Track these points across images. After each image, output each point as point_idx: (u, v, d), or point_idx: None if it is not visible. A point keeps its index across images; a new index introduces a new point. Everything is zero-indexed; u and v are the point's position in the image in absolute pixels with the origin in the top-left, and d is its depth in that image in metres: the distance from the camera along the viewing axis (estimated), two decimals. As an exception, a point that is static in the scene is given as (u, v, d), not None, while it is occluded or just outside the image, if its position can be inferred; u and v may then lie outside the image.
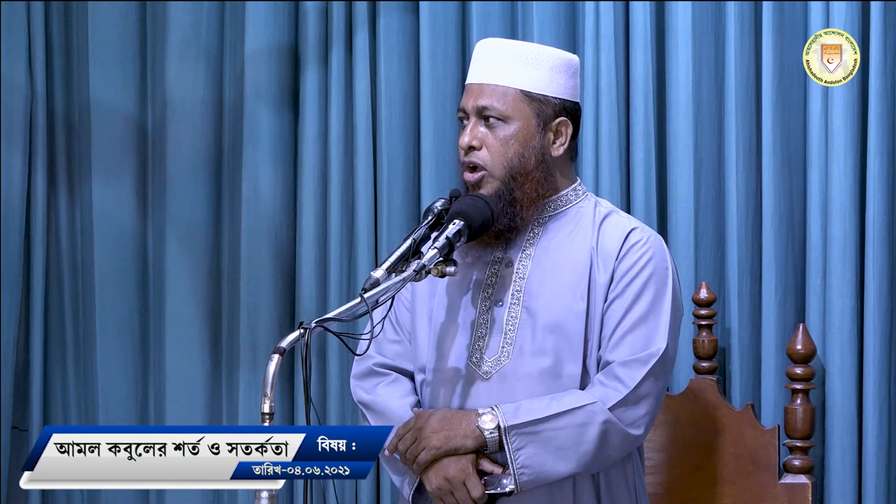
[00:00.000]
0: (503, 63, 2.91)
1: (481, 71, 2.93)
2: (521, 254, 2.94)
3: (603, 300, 2.90)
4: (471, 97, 2.92)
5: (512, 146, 2.90)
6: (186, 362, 3.95)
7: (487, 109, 2.90)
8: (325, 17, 3.84)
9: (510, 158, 2.89)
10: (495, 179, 2.89)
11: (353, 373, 3.03)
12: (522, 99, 2.91)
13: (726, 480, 3.39)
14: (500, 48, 2.94)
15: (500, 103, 2.90)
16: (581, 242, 2.93)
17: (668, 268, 2.93)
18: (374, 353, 2.97)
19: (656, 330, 2.88)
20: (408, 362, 3.01)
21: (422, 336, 2.98)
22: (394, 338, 3.01)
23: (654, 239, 2.95)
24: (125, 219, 4.00)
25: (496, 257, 2.95)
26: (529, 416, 2.81)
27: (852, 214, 3.42)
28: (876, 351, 3.39)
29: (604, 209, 2.98)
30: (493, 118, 2.90)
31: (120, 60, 3.98)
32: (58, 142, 4.00)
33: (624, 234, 2.93)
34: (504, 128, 2.90)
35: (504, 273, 2.94)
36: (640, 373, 2.84)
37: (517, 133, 2.90)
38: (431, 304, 2.97)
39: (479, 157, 2.90)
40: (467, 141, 2.90)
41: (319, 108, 3.85)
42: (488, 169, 2.89)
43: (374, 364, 3.00)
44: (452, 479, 2.83)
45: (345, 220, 3.82)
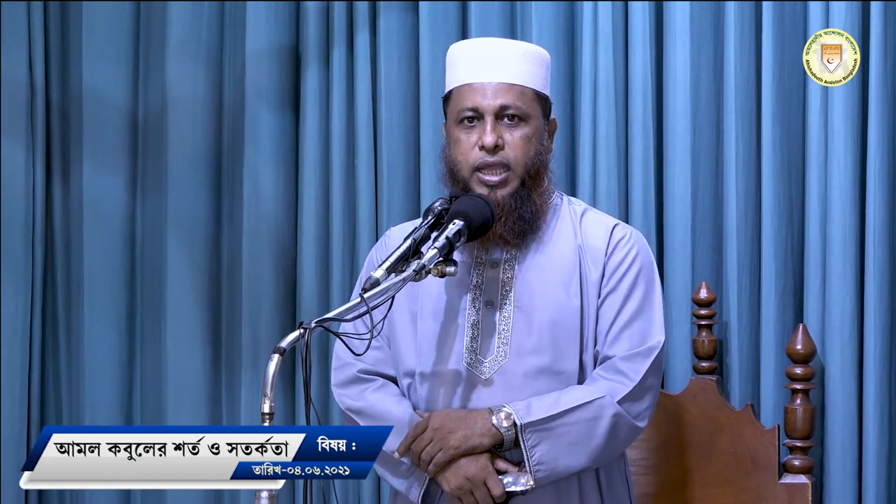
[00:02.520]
0: (514, 62, 2.91)
1: (489, 69, 2.91)
2: (506, 254, 2.94)
3: (596, 296, 2.92)
4: (484, 96, 2.89)
5: (532, 145, 2.90)
6: (187, 362, 3.95)
7: (509, 108, 2.89)
8: (326, 16, 3.85)
9: (531, 157, 2.90)
10: (516, 178, 2.89)
11: (335, 381, 3.01)
12: (535, 98, 2.92)
13: (726, 480, 3.39)
14: (504, 47, 2.94)
15: (521, 102, 2.89)
16: (566, 240, 2.94)
17: (653, 262, 2.98)
18: (354, 360, 2.96)
19: (651, 323, 2.91)
20: (389, 367, 3.00)
21: (405, 340, 2.96)
22: (374, 344, 2.95)
23: (637, 234, 2.99)
24: (117, 212, 4.00)
25: (480, 259, 2.94)
26: (543, 413, 2.82)
27: (852, 214, 3.42)
28: (876, 351, 3.39)
29: (578, 207, 3.01)
30: (516, 117, 2.89)
31: (114, 56, 4.00)
32: (54, 133, 4.01)
33: (608, 231, 2.95)
34: (524, 127, 2.90)
35: (490, 274, 2.93)
36: (644, 366, 2.87)
37: (535, 132, 2.91)
38: (414, 307, 2.96)
39: (505, 156, 2.89)
40: (492, 141, 2.87)
41: (320, 108, 3.85)
42: (513, 168, 2.89)
43: (359, 371, 2.99)
44: (473, 477, 2.84)
45: (346, 219, 3.82)
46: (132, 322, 4.04)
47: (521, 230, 2.90)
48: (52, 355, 4.04)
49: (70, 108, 4.01)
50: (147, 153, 3.99)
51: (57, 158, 4.02)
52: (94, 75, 3.98)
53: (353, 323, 2.77)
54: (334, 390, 3.01)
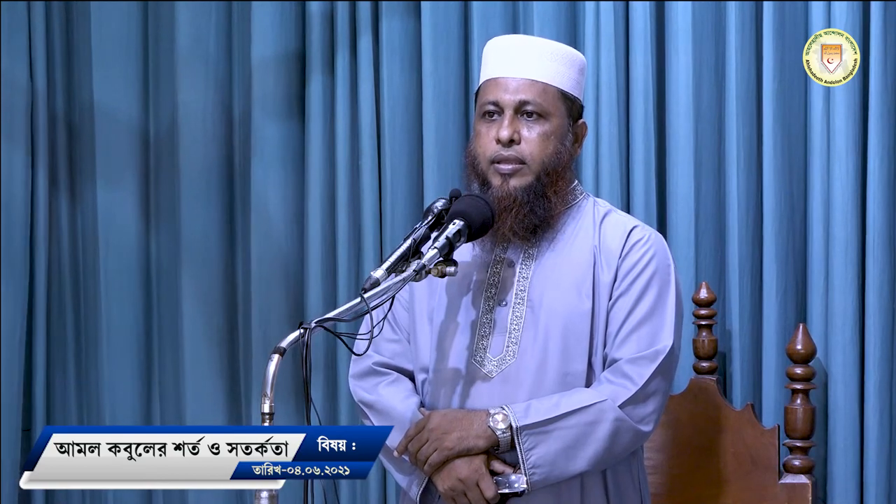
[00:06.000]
0: (541, 59, 2.91)
1: (516, 65, 2.91)
2: (523, 254, 2.94)
3: (608, 298, 2.91)
4: (506, 91, 2.90)
5: (551, 143, 2.90)
6: (203, 368, 3.96)
7: (529, 104, 2.89)
8: (329, 21, 3.85)
9: (549, 155, 2.90)
10: (531, 173, 2.89)
11: (352, 372, 3.03)
12: (559, 97, 2.92)
13: (726, 480, 3.39)
14: (534, 44, 2.94)
15: (542, 99, 2.89)
16: (583, 241, 2.94)
17: (670, 265, 2.94)
18: (372, 352, 2.96)
19: (661, 327, 2.89)
20: (407, 361, 3.01)
21: (423, 336, 2.98)
22: (392, 337, 3.01)
23: (655, 237, 2.97)
24: (128, 222, 4.01)
25: (497, 258, 2.95)
26: (540, 416, 2.81)
27: (854, 214, 3.42)
28: (876, 351, 3.39)
29: (602, 208, 3.00)
30: (535, 113, 2.89)
31: (122, 63, 4.00)
32: (58, 143, 4.01)
33: (626, 232, 2.94)
34: (544, 124, 2.90)
35: (506, 273, 2.94)
36: (649, 370, 2.85)
37: (555, 130, 2.91)
38: (432, 304, 2.97)
39: (520, 151, 2.89)
40: (507, 134, 2.88)
41: (325, 113, 3.86)
42: (527, 163, 2.89)
43: (374, 363, 3.00)
44: (466, 479, 2.84)
45: (351, 222, 3.83)
46: (149, 333, 4.05)
47: (532, 225, 2.90)
48: (60, 366, 4.04)
49: (76, 121, 4.01)
50: (160, 167, 4.00)
51: (62, 171, 4.02)
52: (103, 87, 3.96)
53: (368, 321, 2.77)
54: (350, 382, 3.03)
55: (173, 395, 4.00)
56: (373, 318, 2.61)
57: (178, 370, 3.97)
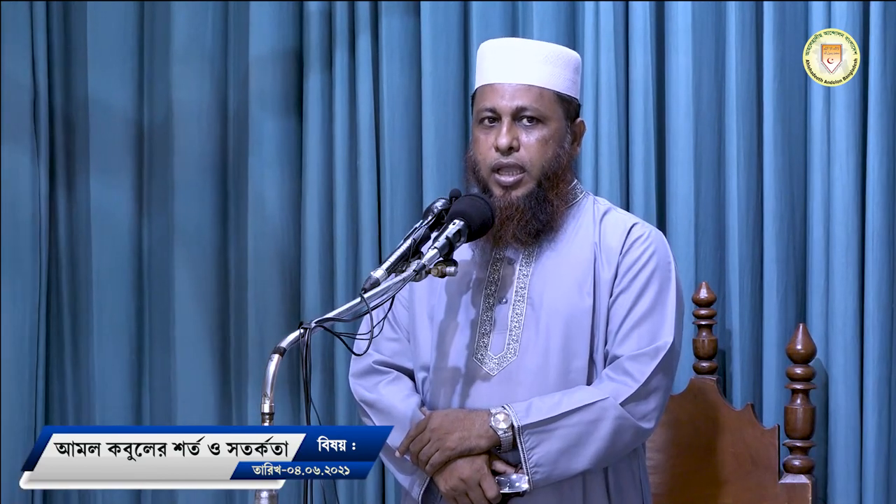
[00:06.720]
0: (536, 63, 2.91)
1: (511, 70, 2.91)
2: (523, 252, 2.94)
3: (608, 295, 2.91)
4: (502, 97, 2.90)
5: (550, 147, 2.90)
6: (195, 366, 3.95)
7: (526, 110, 2.89)
8: (328, 19, 3.84)
9: (549, 159, 2.90)
10: (532, 180, 2.89)
11: (352, 371, 3.03)
12: (556, 100, 2.92)
13: (726, 480, 3.39)
14: (529, 48, 2.94)
15: (539, 104, 2.89)
16: (583, 239, 2.94)
17: (670, 262, 2.95)
18: (372, 350, 2.96)
19: (662, 324, 2.89)
20: (407, 360, 3.01)
21: (423, 335, 2.98)
22: (392, 336, 3.01)
23: (656, 234, 2.97)
24: (123, 219, 4.00)
25: (497, 256, 2.95)
26: (542, 415, 2.81)
27: (854, 214, 3.42)
28: (876, 351, 3.39)
29: (602, 206, 3.00)
30: (533, 119, 2.89)
31: (118, 61, 3.99)
32: (57, 139, 4.01)
33: (626, 229, 2.94)
34: (542, 128, 2.90)
35: (506, 271, 2.94)
36: (650, 367, 2.85)
37: (553, 134, 2.91)
38: (432, 302, 2.98)
39: (520, 158, 2.89)
40: (506, 142, 2.88)
41: (323, 111, 3.85)
42: (528, 169, 2.89)
43: (374, 362, 3.00)
44: (468, 479, 2.84)
45: (349, 221, 3.82)
46: (140, 328, 4.04)
47: (536, 230, 2.90)
48: (56, 361, 4.04)
49: (74, 116, 4.01)
50: (155, 163, 3.99)
51: (61, 166, 4.02)
52: (99, 82, 3.96)
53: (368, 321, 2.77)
54: (350, 380, 3.03)
55: (164, 392, 3.99)
56: (373, 319, 2.61)
57: (170, 368, 3.96)
